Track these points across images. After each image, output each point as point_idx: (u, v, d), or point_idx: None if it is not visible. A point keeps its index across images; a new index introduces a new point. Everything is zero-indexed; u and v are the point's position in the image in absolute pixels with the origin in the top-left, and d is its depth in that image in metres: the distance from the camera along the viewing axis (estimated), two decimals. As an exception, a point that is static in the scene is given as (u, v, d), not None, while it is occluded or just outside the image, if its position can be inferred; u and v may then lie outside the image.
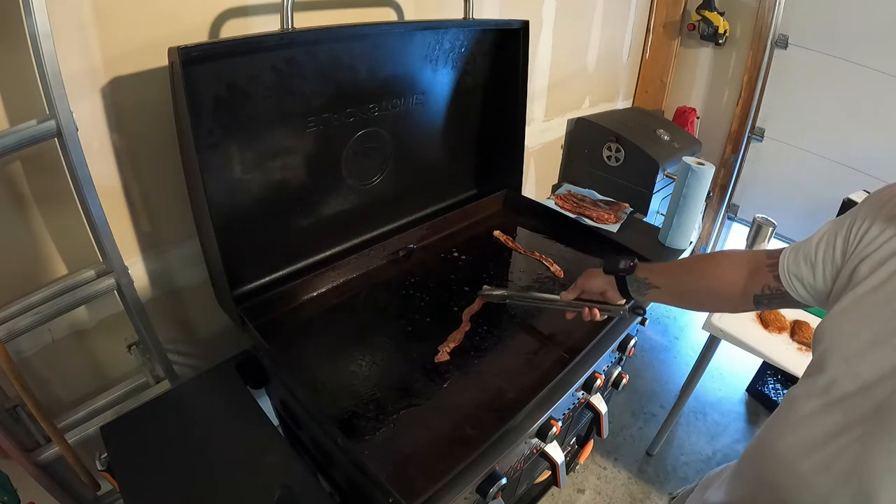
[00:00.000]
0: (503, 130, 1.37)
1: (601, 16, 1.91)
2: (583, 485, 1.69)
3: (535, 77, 1.71)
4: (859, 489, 0.49)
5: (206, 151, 0.86)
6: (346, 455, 0.80)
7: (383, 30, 1.07)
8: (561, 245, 1.29)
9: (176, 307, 1.09)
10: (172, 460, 0.82)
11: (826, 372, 0.56)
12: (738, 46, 2.11)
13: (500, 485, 0.79)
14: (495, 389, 0.88)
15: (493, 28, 1.23)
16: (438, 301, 1.09)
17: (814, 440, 0.55)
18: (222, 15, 0.92)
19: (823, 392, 0.55)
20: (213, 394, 0.94)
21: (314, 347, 0.97)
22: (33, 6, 0.65)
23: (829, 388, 0.55)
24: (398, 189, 1.23)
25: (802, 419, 0.58)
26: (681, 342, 2.35)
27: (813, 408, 0.56)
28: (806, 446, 0.56)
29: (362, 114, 1.06)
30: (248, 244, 0.99)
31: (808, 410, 0.57)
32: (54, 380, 0.96)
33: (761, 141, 2.19)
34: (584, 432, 1.43)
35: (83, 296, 0.87)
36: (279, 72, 0.89)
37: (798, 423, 0.58)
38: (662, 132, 2.00)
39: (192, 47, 0.72)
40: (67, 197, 0.84)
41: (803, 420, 0.57)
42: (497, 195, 1.45)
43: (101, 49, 0.81)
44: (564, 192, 1.88)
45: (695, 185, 1.48)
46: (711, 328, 1.41)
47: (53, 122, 0.73)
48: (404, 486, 0.69)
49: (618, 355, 1.13)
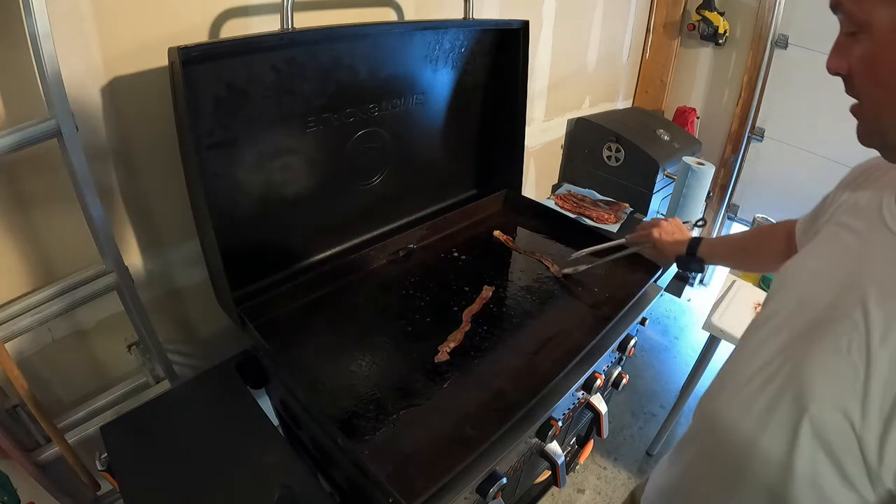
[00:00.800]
0: (503, 130, 1.37)
1: (601, 16, 1.91)
2: (583, 485, 1.69)
3: (535, 77, 1.71)
4: (797, 391, 0.53)
5: (206, 151, 0.86)
6: (346, 455, 0.80)
7: (383, 30, 1.07)
8: (561, 245, 1.29)
9: (176, 307, 1.09)
10: (172, 460, 0.82)
11: (775, 300, 0.63)
12: (738, 46, 2.11)
13: (500, 485, 0.79)
14: (495, 389, 0.88)
15: (493, 28, 1.23)
16: (438, 301, 1.09)
17: (762, 359, 0.59)
18: (222, 15, 0.92)
19: (771, 317, 0.61)
20: (213, 394, 0.94)
21: (314, 347, 0.97)
22: (33, 6, 0.65)
23: (776, 313, 0.61)
24: (398, 189, 1.23)
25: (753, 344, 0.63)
26: (681, 342, 2.35)
27: (762, 334, 0.61)
28: (756, 365, 0.60)
29: (362, 114, 1.06)
30: (248, 244, 0.99)
31: (759, 337, 0.62)
32: (54, 380, 0.96)
33: (761, 141, 2.19)
34: (584, 432, 1.43)
35: (83, 296, 0.87)
36: (279, 72, 0.89)
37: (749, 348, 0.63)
38: (662, 132, 2.00)
39: (192, 47, 0.72)
40: (67, 197, 0.84)
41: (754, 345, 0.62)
42: (497, 195, 1.45)
43: (101, 49, 0.81)
44: (564, 192, 1.88)
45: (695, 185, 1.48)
46: (711, 328, 1.41)
47: (53, 122, 0.73)
48: (404, 486, 0.69)
49: (618, 355, 1.13)
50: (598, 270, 1.18)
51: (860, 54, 0.47)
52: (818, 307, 0.55)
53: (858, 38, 0.46)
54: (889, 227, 0.52)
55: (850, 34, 0.47)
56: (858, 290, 0.51)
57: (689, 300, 2.62)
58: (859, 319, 0.49)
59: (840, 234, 0.60)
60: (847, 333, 0.50)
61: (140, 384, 1.01)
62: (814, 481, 0.52)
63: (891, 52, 0.44)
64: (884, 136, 0.49)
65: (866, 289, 0.50)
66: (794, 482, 0.54)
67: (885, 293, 0.49)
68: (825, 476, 0.51)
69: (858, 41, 0.46)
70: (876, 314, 0.48)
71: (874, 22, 0.44)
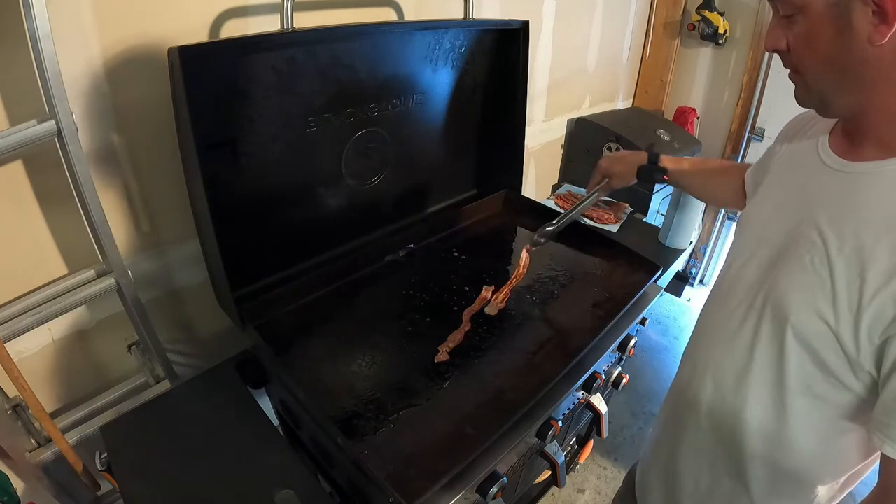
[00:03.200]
0: (503, 130, 1.37)
1: (601, 16, 1.91)
2: (583, 485, 1.69)
3: (535, 77, 1.71)
4: (776, 308, 0.62)
5: (206, 151, 0.86)
6: (346, 455, 0.80)
7: (383, 30, 1.07)
8: (561, 245, 1.29)
9: (176, 307, 1.09)
10: (172, 460, 0.82)
11: (739, 243, 0.74)
12: (738, 46, 2.11)
13: (501, 485, 0.79)
14: (495, 389, 0.88)
15: (493, 28, 1.23)
16: (438, 301, 1.09)
17: (738, 297, 0.69)
18: (222, 15, 0.92)
19: (738, 259, 0.72)
20: (213, 394, 0.94)
21: (314, 347, 0.97)
22: (33, 6, 0.65)
23: (742, 254, 0.71)
24: (398, 189, 1.23)
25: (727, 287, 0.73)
26: (681, 342, 2.35)
27: (733, 276, 0.71)
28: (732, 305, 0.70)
29: (362, 114, 1.06)
30: (248, 244, 0.99)
31: (730, 279, 0.72)
32: (54, 380, 0.96)
33: (761, 141, 2.19)
34: (584, 432, 1.43)
35: (83, 296, 0.87)
36: (279, 72, 0.89)
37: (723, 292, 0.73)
38: (662, 132, 2.00)
39: (192, 47, 0.72)
40: (67, 197, 0.84)
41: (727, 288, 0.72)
42: (497, 195, 1.45)
43: (101, 49, 0.81)
44: (564, 192, 1.88)
45: (695, 185, 1.48)
46: (711, 328, 1.41)
47: (53, 122, 0.73)
48: (404, 486, 0.69)
49: (618, 355, 1.13)
50: (598, 270, 1.18)
51: (798, 32, 0.55)
52: (779, 240, 0.65)
53: (795, 19, 0.54)
54: (825, 163, 0.63)
55: (786, 17, 0.55)
56: (810, 218, 0.61)
57: (689, 300, 2.62)
58: (816, 239, 0.59)
59: (784, 178, 0.71)
60: (808, 252, 0.59)
61: (140, 384, 1.01)
62: (804, 382, 0.62)
63: (824, 27, 0.52)
64: (822, 97, 0.58)
65: (817, 215, 0.60)
66: (788, 387, 0.63)
67: (832, 215, 0.59)
68: (814, 375, 0.60)
69: (795, 22, 0.54)
70: (829, 231, 0.58)
71: (811, 4, 0.52)
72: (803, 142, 0.70)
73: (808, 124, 0.71)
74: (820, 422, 0.63)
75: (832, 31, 0.52)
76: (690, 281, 2.63)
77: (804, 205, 0.63)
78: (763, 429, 0.67)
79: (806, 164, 0.66)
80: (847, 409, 0.60)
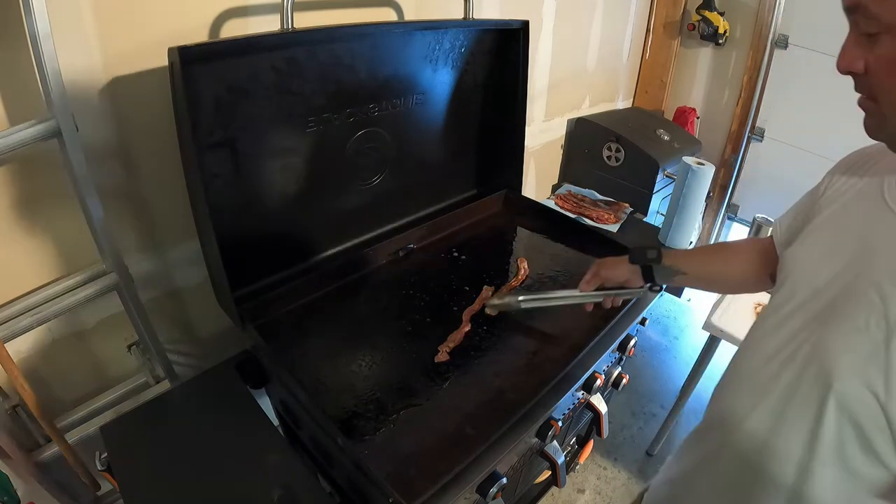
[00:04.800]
0: (503, 130, 1.37)
1: (601, 16, 1.91)
2: (583, 485, 1.69)
3: (535, 77, 1.71)
4: (820, 365, 0.55)
5: (206, 151, 0.86)
6: (346, 455, 0.80)
7: (383, 30, 1.07)
8: (561, 245, 1.29)
9: (176, 307, 1.09)
10: (172, 460, 0.82)
11: (784, 288, 0.64)
12: (738, 46, 2.11)
13: (501, 485, 0.79)
14: (495, 389, 0.88)
15: (493, 28, 1.23)
16: (438, 301, 1.09)
17: (776, 346, 0.62)
18: (222, 15, 0.92)
19: (782, 305, 0.63)
20: (213, 394, 0.94)
21: (314, 347, 0.97)
22: (33, 6, 0.65)
23: (787, 301, 0.62)
24: (398, 189, 1.23)
25: (765, 333, 0.65)
26: (681, 342, 2.35)
27: (774, 322, 0.64)
28: (769, 353, 0.62)
29: (362, 114, 1.06)
30: (247, 244, 0.99)
31: (770, 325, 0.64)
32: (54, 380, 0.96)
33: (761, 141, 2.19)
34: (584, 432, 1.43)
35: (83, 296, 0.87)
36: (279, 72, 0.89)
37: (761, 338, 0.65)
38: (662, 132, 2.00)
39: (192, 47, 0.72)
40: (67, 197, 0.84)
41: (766, 334, 0.65)
42: (497, 195, 1.45)
43: (101, 49, 0.81)
44: (564, 192, 1.88)
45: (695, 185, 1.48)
46: (711, 328, 1.41)
47: (53, 122, 0.73)
48: (404, 486, 0.69)
49: (618, 355, 1.13)
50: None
51: (883, 54, 0.47)
52: (831, 291, 0.57)
53: (879, 38, 0.46)
54: (892, 209, 0.54)
55: (868, 35, 0.47)
56: (870, 272, 0.53)
57: (689, 300, 2.62)
58: (875, 298, 0.51)
59: (840, 219, 0.62)
60: (865, 312, 0.52)
61: (140, 384, 1.01)
62: (839, 454, 0.55)
63: None
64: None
65: (878, 270, 0.52)
66: (819, 454, 0.56)
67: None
68: (851, 447, 0.54)
69: (879, 42, 0.47)
70: (891, 291, 0.51)
71: None
72: (865, 179, 0.61)
73: (870, 160, 0.63)
74: (848, 496, 0.56)
75: None
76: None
77: (864, 256, 0.55)
78: (785, 487, 0.61)
79: (868, 207, 0.58)
80: (882, 487, 0.54)
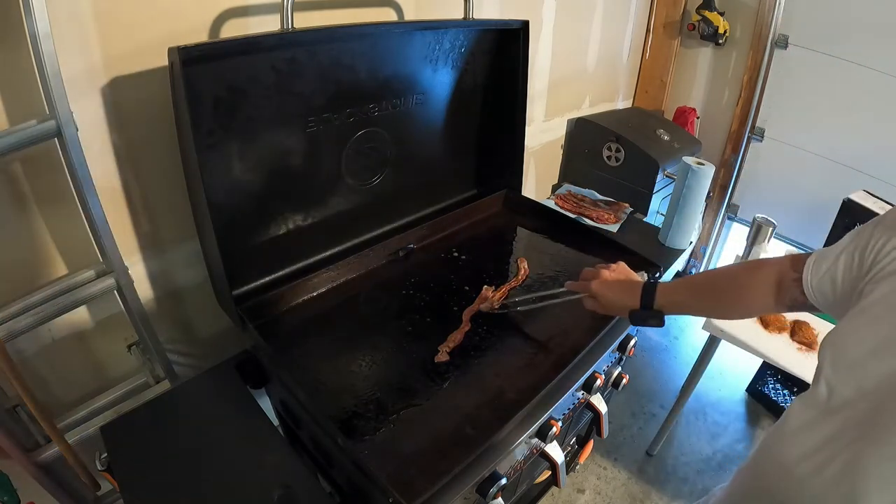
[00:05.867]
0: (503, 130, 1.37)
1: (601, 16, 1.91)
2: (583, 485, 1.69)
3: (535, 77, 1.71)
4: (851, 490, 0.51)
5: (206, 151, 0.86)
6: (346, 455, 0.80)
7: (383, 30, 1.07)
8: (561, 245, 1.29)
9: (176, 307, 1.09)
10: (172, 460, 0.82)
11: (827, 381, 0.56)
12: (738, 46, 2.11)
13: (500, 485, 0.79)
14: (495, 389, 0.88)
15: (493, 28, 1.23)
16: (438, 301, 1.09)
17: (811, 446, 0.56)
18: (222, 15, 0.92)
19: (823, 401, 0.56)
20: (213, 394, 0.94)
21: (314, 347, 0.97)
22: (33, 6, 0.65)
23: (829, 397, 0.55)
24: (398, 189, 1.23)
25: (801, 427, 0.59)
26: (681, 342, 2.35)
27: (811, 416, 0.57)
28: (803, 453, 0.57)
29: (362, 114, 1.06)
30: (248, 244, 0.99)
31: (807, 419, 0.58)
32: (54, 380, 0.96)
33: (761, 141, 2.19)
34: (584, 432, 1.43)
35: (83, 296, 0.87)
36: (279, 72, 0.89)
37: (797, 430, 0.59)
38: (662, 132, 2.00)
39: (192, 47, 0.72)
40: (67, 197, 0.84)
41: (802, 428, 0.59)
42: (497, 195, 1.45)
43: (101, 49, 0.81)
44: (564, 192, 1.88)
45: (695, 185, 1.48)
46: (711, 328, 1.41)
47: (53, 122, 0.73)
48: (404, 486, 0.69)
49: (618, 355, 1.13)
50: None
51: None
52: (878, 396, 0.50)
53: None
54: None
55: None
56: None
57: (689, 300, 2.62)
58: None
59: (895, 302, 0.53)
60: None
61: (140, 384, 1.01)
62: None
63: None
64: None
65: None
66: None
67: None
68: None
69: None
70: None
71: None
72: None
73: None
74: None
75: None
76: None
77: None
78: None
79: None
80: None
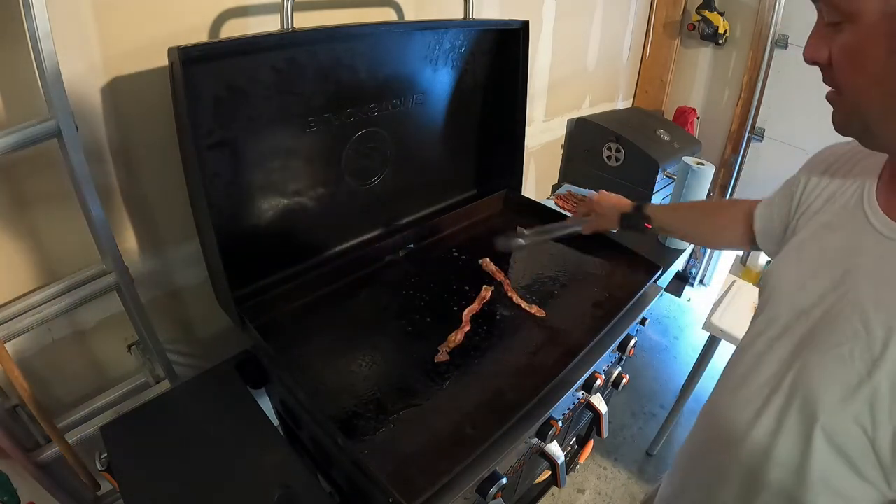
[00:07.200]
0: (503, 130, 1.37)
1: (601, 16, 1.91)
2: (583, 485, 1.69)
3: (535, 77, 1.71)
4: (804, 401, 0.54)
5: (206, 151, 0.86)
6: (346, 455, 0.80)
7: (383, 30, 1.07)
8: (561, 245, 1.29)
9: (176, 307, 1.09)
10: (172, 460, 0.82)
11: (769, 310, 0.62)
12: (738, 46, 2.11)
13: (501, 485, 0.79)
14: (495, 389, 0.88)
15: (493, 28, 1.23)
16: (438, 301, 1.09)
17: (763, 376, 0.60)
18: (222, 15, 0.92)
19: (767, 328, 0.61)
20: (213, 394, 0.94)
21: (314, 347, 0.97)
22: (33, 6, 0.65)
23: (771, 324, 0.60)
24: (398, 189, 1.23)
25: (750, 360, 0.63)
26: (681, 342, 2.35)
27: (759, 348, 0.62)
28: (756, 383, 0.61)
29: (362, 114, 1.06)
30: (248, 244, 0.99)
31: (757, 350, 0.62)
32: (54, 380, 0.96)
33: (761, 141, 2.19)
34: (584, 432, 1.43)
35: (83, 296, 0.87)
36: (279, 72, 0.89)
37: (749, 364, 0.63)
38: (662, 132, 2.00)
39: (192, 47, 0.72)
40: (67, 197, 0.84)
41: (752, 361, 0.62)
42: (497, 195, 1.45)
43: (101, 49, 0.81)
44: (564, 192, 1.88)
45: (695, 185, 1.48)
46: (711, 328, 1.41)
47: (53, 122, 0.73)
48: (404, 486, 0.69)
49: (618, 355, 1.13)
50: (598, 270, 1.18)
51: (844, 44, 0.46)
52: (814, 314, 0.55)
53: (842, 28, 0.45)
54: (873, 225, 0.52)
55: (832, 24, 0.46)
56: (853, 297, 0.51)
57: (689, 300, 2.62)
58: (858, 327, 0.49)
59: (822, 235, 0.59)
60: (848, 342, 0.50)
61: (140, 384, 1.01)
62: (829, 482, 0.54)
63: (876, 42, 0.43)
64: (865, 124, 0.49)
65: (861, 294, 0.50)
66: (809, 483, 0.55)
67: (880, 296, 0.49)
68: (841, 476, 0.53)
69: (841, 31, 0.45)
70: (875, 319, 0.48)
71: (863, 13, 0.43)
72: (844, 185, 0.58)
73: (848, 161, 0.60)
74: None
75: (885, 47, 0.43)
76: (690, 281, 2.63)
77: (846, 277, 0.52)
78: None
79: (850, 221, 0.55)
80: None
